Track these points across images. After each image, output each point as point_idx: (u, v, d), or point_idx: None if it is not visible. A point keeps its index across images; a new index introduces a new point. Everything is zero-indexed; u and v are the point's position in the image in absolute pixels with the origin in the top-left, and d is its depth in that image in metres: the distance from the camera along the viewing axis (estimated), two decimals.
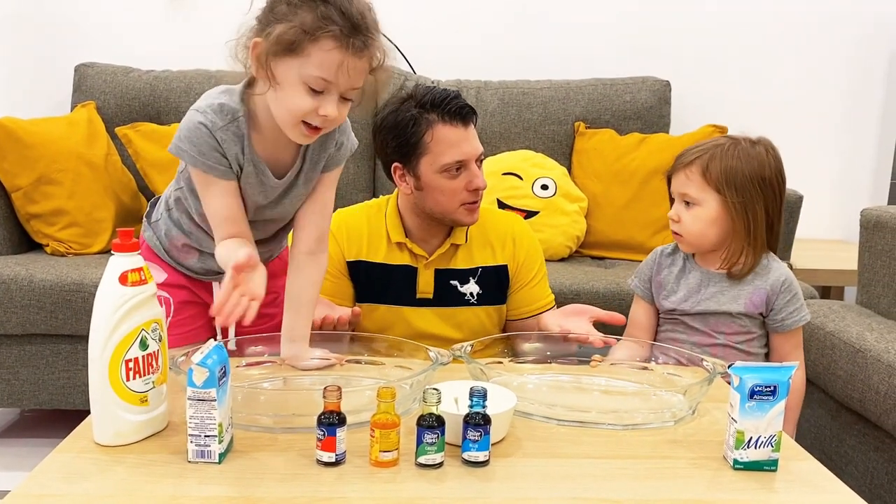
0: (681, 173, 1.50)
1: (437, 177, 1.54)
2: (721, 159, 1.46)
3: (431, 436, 0.99)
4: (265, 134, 1.26)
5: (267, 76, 1.16)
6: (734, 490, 0.98)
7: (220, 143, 1.23)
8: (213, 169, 1.24)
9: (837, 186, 2.91)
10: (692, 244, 1.52)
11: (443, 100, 1.52)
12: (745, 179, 1.45)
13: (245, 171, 1.27)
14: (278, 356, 1.35)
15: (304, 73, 1.14)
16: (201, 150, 1.22)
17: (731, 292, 1.51)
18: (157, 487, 0.93)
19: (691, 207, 1.49)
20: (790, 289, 1.50)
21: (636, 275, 1.64)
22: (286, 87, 1.16)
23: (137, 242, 1.05)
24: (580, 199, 2.43)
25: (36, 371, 2.03)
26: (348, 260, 1.63)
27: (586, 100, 2.55)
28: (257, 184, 1.29)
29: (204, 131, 1.22)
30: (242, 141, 1.25)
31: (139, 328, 1.03)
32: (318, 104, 1.17)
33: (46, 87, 2.69)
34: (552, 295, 1.74)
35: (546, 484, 0.97)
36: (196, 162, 1.23)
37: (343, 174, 2.46)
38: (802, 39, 2.82)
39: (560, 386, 1.31)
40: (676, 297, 1.55)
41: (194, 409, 0.97)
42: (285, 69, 1.15)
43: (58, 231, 2.20)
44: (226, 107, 1.23)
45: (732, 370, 1.04)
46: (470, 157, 1.55)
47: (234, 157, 1.25)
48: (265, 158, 1.28)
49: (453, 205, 1.57)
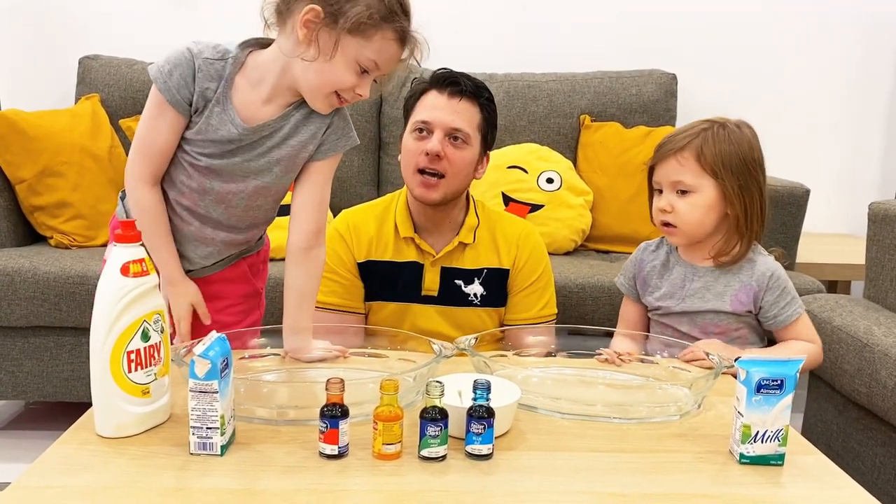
0: (671, 160, 1.44)
1: (408, 137, 1.58)
2: (714, 143, 1.42)
3: (435, 428, 0.98)
4: (257, 87, 1.28)
5: (317, 44, 1.20)
6: (740, 484, 0.97)
7: (196, 70, 1.25)
8: (168, 91, 1.25)
9: (844, 180, 2.89)
10: (688, 234, 1.47)
11: (446, 72, 1.57)
12: (740, 162, 1.42)
13: (209, 108, 1.27)
14: (281, 349, 1.34)
15: (361, 53, 1.21)
16: (171, 70, 1.24)
17: (716, 288, 1.48)
18: (159, 479, 0.93)
19: (686, 195, 1.44)
20: (777, 284, 1.47)
21: (622, 272, 1.62)
22: (339, 60, 1.21)
23: (139, 233, 1.04)
24: (585, 193, 2.41)
25: (40, 363, 2.03)
26: (359, 261, 1.63)
27: (592, 93, 2.54)
28: (222, 125, 1.28)
29: (186, 55, 1.25)
30: (219, 81, 1.26)
31: (141, 319, 1.03)
32: (358, 82, 1.24)
33: (50, 80, 2.69)
34: (554, 308, 1.70)
35: (550, 477, 0.97)
36: (159, 79, 1.25)
37: (348, 167, 2.50)
38: (809, 32, 2.79)
39: (564, 379, 1.31)
40: (660, 293, 1.52)
41: (196, 401, 0.97)
42: (345, 45, 1.20)
43: (62, 223, 2.20)
44: (220, 46, 1.27)
45: (739, 364, 1.03)
46: (436, 121, 1.53)
47: (201, 91, 1.26)
48: (239, 106, 1.28)
49: (410, 168, 1.56)
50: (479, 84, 1.59)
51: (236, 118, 1.28)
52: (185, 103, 1.26)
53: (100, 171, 2.26)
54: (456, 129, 1.54)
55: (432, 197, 1.55)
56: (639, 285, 1.57)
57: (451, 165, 1.54)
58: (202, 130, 1.28)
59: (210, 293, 1.42)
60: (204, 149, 1.30)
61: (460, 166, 1.55)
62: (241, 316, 1.48)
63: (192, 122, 1.29)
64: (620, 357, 1.37)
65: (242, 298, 1.49)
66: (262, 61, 1.27)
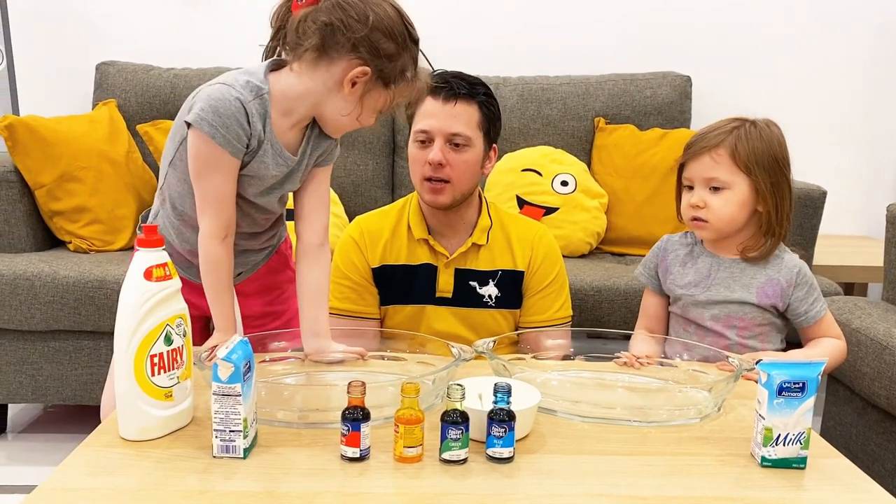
0: (705, 157, 1.45)
1: (411, 145, 1.59)
2: (747, 140, 1.43)
3: (456, 432, 0.98)
4: (287, 117, 1.29)
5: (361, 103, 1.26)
6: (762, 488, 0.97)
7: (249, 115, 1.23)
8: (230, 144, 1.23)
9: (861, 182, 2.87)
10: (719, 229, 1.47)
11: (440, 76, 1.56)
12: (772, 160, 1.44)
13: (263, 148, 1.28)
14: (302, 352, 1.35)
15: (385, 102, 1.28)
16: (226, 122, 1.22)
17: (743, 279, 1.48)
18: (183, 482, 0.94)
19: (720, 192, 1.45)
20: (805, 280, 1.48)
21: (643, 264, 1.62)
22: (366, 108, 1.28)
23: (162, 238, 1.05)
24: (600, 196, 2.41)
25: (59, 367, 2.05)
26: (373, 267, 1.63)
27: (606, 95, 2.53)
28: (272, 162, 1.30)
29: (236, 104, 1.22)
30: (265, 118, 1.26)
31: (164, 323, 1.03)
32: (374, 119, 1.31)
33: (68, 86, 2.71)
34: (570, 310, 1.71)
35: (571, 480, 0.97)
36: (216, 134, 1.22)
37: (362, 171, 2.51)
38: (825, 33, 2.78)
39: (583, 382, 1.30)
40: (685, 281, 1.52)
41: (219, 405, 0.97)
42: (376, 96, 1.27)
43: (80, 228, 2.22)
44: (251, 84, 1.25)
45: (760, 366, 1.03)
46: (435, 130, 1.54)
47: (257, 133, 1.26)
48: (280, 137, 1.30)
49: (417, 177, 1.58)
50: (474, 81, 1.58)
51: (285, 152, 1.30)
52: (243, 149, 1.26)
53: (117, 176, 2.28)
54: (455, 133, 1.54)
55: (441, 201, 1.57)
56: (660, 272, 1.57)
57: (454, 170, 1.55)
58: (253, 169, 1.29)
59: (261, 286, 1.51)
60: (250, 186, 1.32)
61: (464, 169, 1.56)
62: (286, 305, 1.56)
63: (245, 164, 1.29)
64: (639, 360, 1.37)
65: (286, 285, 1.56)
66: (288, 92, 1.26)
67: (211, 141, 1.22)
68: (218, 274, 1.31)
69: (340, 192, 2.42)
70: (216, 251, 1.29)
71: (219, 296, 1.32)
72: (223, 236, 1.29)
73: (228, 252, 1.31)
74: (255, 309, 1.48)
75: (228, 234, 1.30)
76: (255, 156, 1.28)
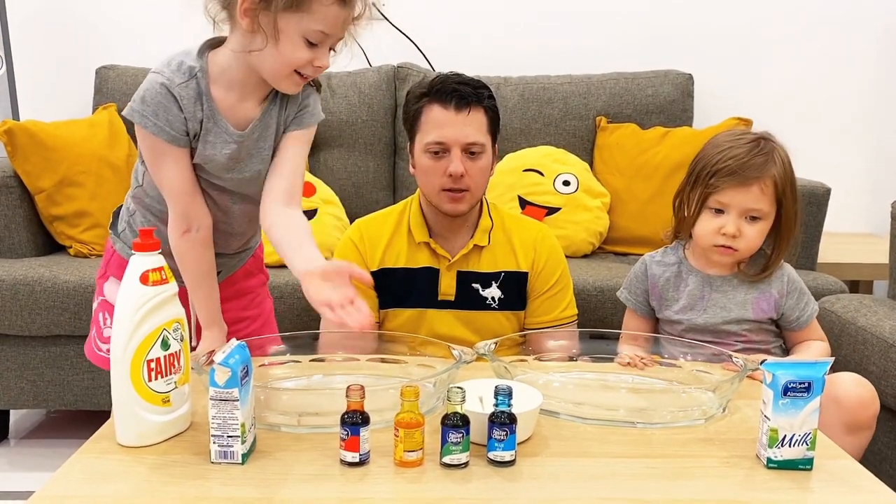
0: (754, 188, 1.39)
1: (422, 156, 1.56)
2: (783, 168, 1.41)
3: (456, 435, 0.97)
4: (230, 90, 1.27)
5: (262, 30, 1.17)
6: (769, 489, 0.96)
7: (178, 99, 1.22)
8: (162, 132, 1.22)
9: (865, 179, 2.85)
10: (744, 256, 1.46)
11: (442, 81, 1.54)
12: (795, 185, 1.43)
13: (204, 127, 1.26)
14: (301, 356, 1.34)
15: (305, 27, 1.17)
16: (156, 110, 1.22)
17: (737, 297, 1.47)
18: (181, 488, 0.93)
19: (756, 222, 1.42)
20: (795, 286, 1.47)
21: (626, 287, 1.60)
22: (284, 40, 1.18)
23: (158, 242, 1.04)
24: (602, 195, 2.40)
25: (61, 372, 2.04)
26: (372, 270, 1.62)
27: (608, 94, 2.52)
28: (219, 141, 1.27)
29: (162, 90, 1.21)
30: (201, 98, 1.25)
31: (161, 328, 1.02)
32: (313, 56, 1.20)
33: (68, 90, 2.70)
34: (575, 309, 1.70)
35: (574, 484, 0.95)
36: (147, 123, 1.22)
37: (363, 172, 2.50)
38: (828, 29, 2.76)
39: (586, 384, 1.29)
40: (679, 306, 1.51)
41: (217, 410, 0.96)
42: (285, 23, 1.17)
43: (80, 233, 2.21)
44: (184, 64, 1.24)
45: (765, 367, 1.01)
46: (451, 140, 1.52)
47: (192, 115, 1.24)
48: (226, 113, 1.27)
49: (434, 188, 1.56)
50: (478, 85, 1.56)
51: (229, 128, 1.27)
52: (183, 135, 1.25)
53: (118, 180, 2.27)
54: (472, 143, 1.53)
55: (462, 209, 1.57)
56: (654, 301, 1.55)
57: (472, 179, 1.55)
58: (204, 154, 1.28)
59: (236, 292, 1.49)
60: (211, 171, 1.30)
61: (480, 176, 1.57)
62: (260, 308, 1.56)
63: (195, 150, 1.27)
64: (643, 360, 1.36)
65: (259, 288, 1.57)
66: (223, 63, 1.25)
67: (144, 130, 1.23)
68: (183, 268, 1.31)
69: (341, 193, 2.41)
70: (177, 246, 1.30)
71: (192, 292, 1.32)
72: (183, 230, 1.29)
73: (194, 247, 1.31)
74: (231, 314, 1.46)
75: (191, 229, 1.30)
76: (200, 139, 1.26)
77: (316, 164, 2.48)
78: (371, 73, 2.53)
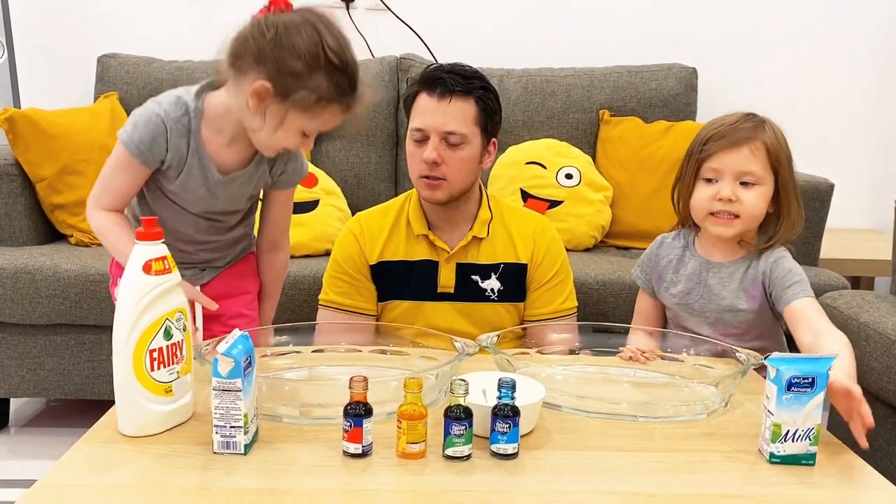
0: (743, 149, 1.38)
1: (409, 142, 1.57)
2: (776, 137, 1.40)
3: (459, 427, 0.97)
4: (220, 134, 1.34)
5: (264, 116, 1.25)
6: (771, 484, 0.95)
7: (168, 131, 1.31)
8: (141, 155, 1.31)
9: (868, 175, 2.84)
10: (747, 226, 1.43)
11: (433, 70, 1.54)
12: (789, 157, 1.42)
13: (188, 162, 1.33)
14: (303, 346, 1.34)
15: (307, 125, 1.27)
16: (144, 138, 1.31)
17: (731, 285, 1.46)
18: (183, 478, 0.92)
19: (751, 187, 1.40)
20: (779, 262, 1.43)
21: (639, 265, 1.61)
22: (284, 129, 1.27)
23: (161, 231, 1.04)
24: (605, 189, 2.39)
25: (61, 361, 2.04)
26: (371, 263, 1.62)
27: (611, 87, 2.51)
28: (200, 177, 1.35)
29: (156, 121, 1.31)
30: (189, 135, 1.31)
31: (163, 317, 1.02)
32: (303, 142, 1.31)
33: (69, 78, 2.69)
34: (574, 301, 1.69)
35: (577, 477, 0.95)
36: (132, 146, 1.31)
37: (365, 164, 2.49)
38: (832, 25, 2.75)
39: (588, 377, 1.29)
40: (676, 290, 1.51)
41: (219, 400, 0.96)
42: (291, 119, 1.25)
43: (81, 221, 2.21)
44: (181, 100, 1.32)
45: (769, 361, 1.01)
46: (429, 127, 1.52)
47: (175, 149, 1.31)
48: (213, 154, 1.34)
49: (414, 174, 1.57)
50: (470, 75, 1.54)
51: (211, 169, 1.35)
52: (158, 162, 1.34)
53: None
54: (449, 132, 1.52)
55: (437, 197, 1.56)
56: (654, 280, 1.56)
57: (449, 168, 1.53)
58: (182, 183, 1.35)
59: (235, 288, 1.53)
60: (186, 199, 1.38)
61: (459, 167, 1.54)
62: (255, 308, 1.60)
63: (174, 179, 1.36)
64: (644, 354, 1.36)
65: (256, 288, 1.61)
66: (218, 109, 1.32)
67: (127, 151, 1.32)
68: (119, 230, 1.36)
69: (343, 185, 2.40)
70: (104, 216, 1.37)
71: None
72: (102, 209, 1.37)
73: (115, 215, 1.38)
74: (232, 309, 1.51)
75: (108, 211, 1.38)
76: (180, 170, 1.34)
77: (318, 155, 2.47)
78: (374, 64, 2.52)
